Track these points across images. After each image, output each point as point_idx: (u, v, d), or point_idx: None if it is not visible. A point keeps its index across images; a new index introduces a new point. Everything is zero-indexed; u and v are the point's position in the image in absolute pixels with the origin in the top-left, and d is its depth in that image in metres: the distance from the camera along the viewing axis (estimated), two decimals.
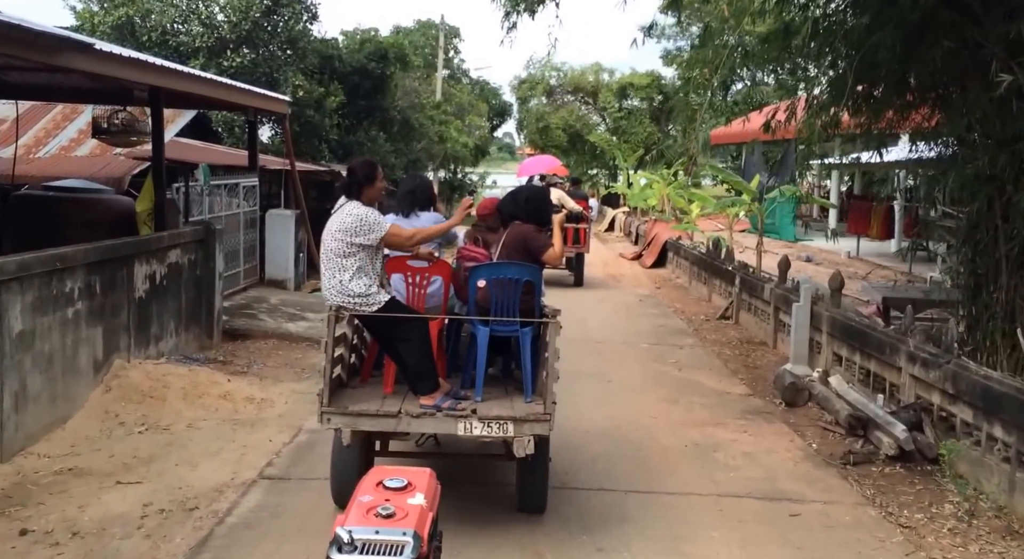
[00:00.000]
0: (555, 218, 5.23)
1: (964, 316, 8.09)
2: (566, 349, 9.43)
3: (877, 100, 8.27)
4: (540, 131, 35.57)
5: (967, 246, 8.15)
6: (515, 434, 4.37)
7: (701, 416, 7.06)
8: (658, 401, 7.54)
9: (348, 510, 2.68)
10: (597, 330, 10.88)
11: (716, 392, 7.86)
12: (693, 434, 6.56)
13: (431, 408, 4.48)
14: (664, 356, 9.41)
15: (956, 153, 7.71)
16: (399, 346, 4.68)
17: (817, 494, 5.31)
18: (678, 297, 14.07)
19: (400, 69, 20.17)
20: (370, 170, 4.71)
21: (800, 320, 8.37)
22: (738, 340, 10.35)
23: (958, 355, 5.65)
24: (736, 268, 11.95)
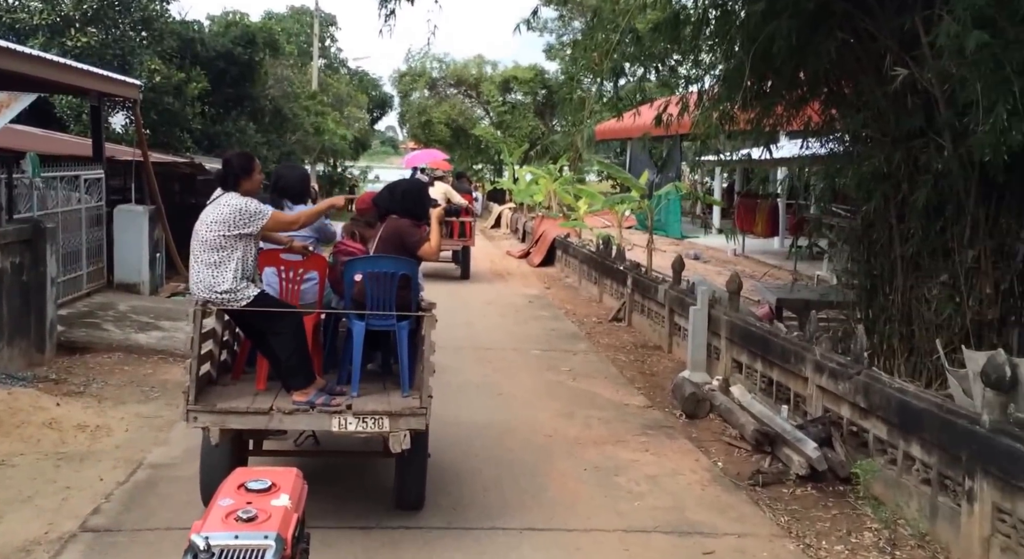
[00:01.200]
0: (433, 213, 5.14)
1: (861, 319, 7.92)
2: (453, 358, 8.76)
3: (770, 94, 7.98)
4: (423, 125, 34.66)
5: (862, 246, 7.98)
6: (391, 429, 4.35)
7: (599, 433, 6.51)
8: (553, 416, 6.95)
9: (205, 515, 2.61)
10: (485, 335, 10.22)
11: (613, 404, 7.34)
12: (592, 455, 5.98)
13: (304, 404, 4.42)
14: (557, 364, 8.85)
15: (851, 150, 7.50)
16: (271, 341, 4.60)
17: (730, 525, 4.82)
18: (568, 298, 13.61)
19: (270, 55, 18.84)
20: (247, 162, 4.65)
21: (697, 325, 7.98)
22: (632, 344, 9.93)
23: (869, 365, 5.30)
24: (628, 268, 11.57)
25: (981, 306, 6.99)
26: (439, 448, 5.83)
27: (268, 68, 18.94)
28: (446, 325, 10.42)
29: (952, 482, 4.33)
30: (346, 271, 4.87)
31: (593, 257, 13.64)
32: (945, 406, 4.36)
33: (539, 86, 35.24)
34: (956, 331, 7.06)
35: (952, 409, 4.31)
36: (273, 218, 4.57)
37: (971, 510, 4.09)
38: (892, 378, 5.01)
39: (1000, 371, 3.92)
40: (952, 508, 4.31)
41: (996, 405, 3.95)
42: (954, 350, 7.20)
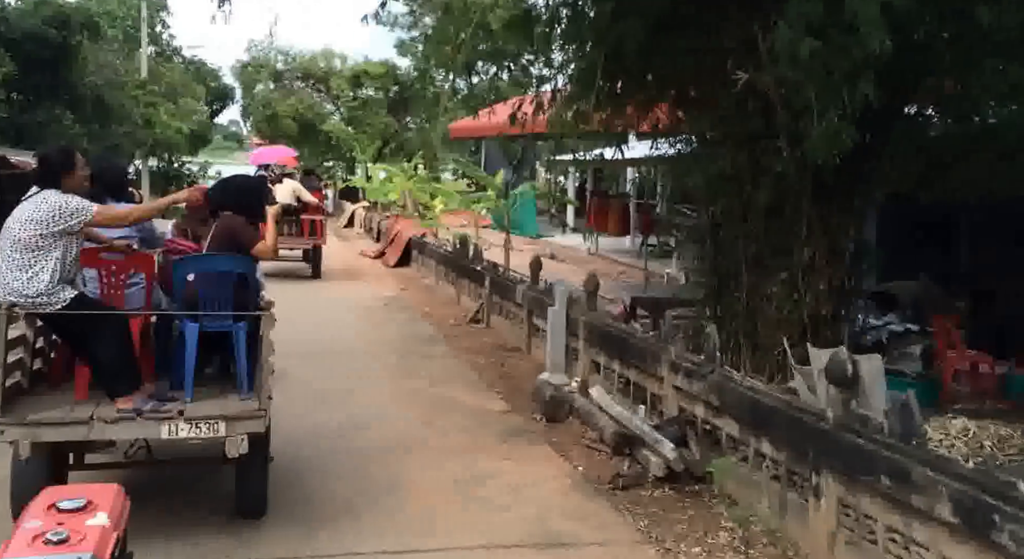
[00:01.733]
0: (269, 210, 5.04)
1: (711, 316, 8.16)
2: (304, 365, 8.30)
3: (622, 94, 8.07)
4: (268, 119, 33.10)
5: (710, 245, 8.23)
6: (227, 433, 4.21)
7: (460, 442, 6.32)
8: (411, 426, 6.69)
9: (8, 540, 2.47)
10: (339, 340, 9.79)
11: (473, 410, 7.17)
12: (453, 466, 5.78)
13: (130, 412, 4.21)
14: (415, 369, 8.58)
15: (698, 152, 7.70)
16: (91, 347, 4.37)
17: (592, 533, 4.76)
18: (425, 299, 13.35)
19: (89, 39, 17.27)
20: (66, 157, 4.43)
21: (556, 326, 7.96)
22: (491, 346, 9.81)
23: (722, 364, 5.41)
24: (486, 268, 11.46)
25: (817, 302, 7.36)
26: (289, 466, 5.46)
27: (88, 53, 17.36)
28: (296, 330, 9.95)
29: (800, 478, 4.46)
30: (176, 271, 4.72)
31: (450, 257, 13.45)
32: (793, 404, 4.49)
33: (391, 82, 34.61)
34: (795, 326, 7.42)
35: (799, 406, 4.44)
36: (100, 213, 4.36)
37: (818, 505, 4.21)
38: (744, 377, 5.13)
39: (842, 368, 4.05)
40: (801, 504, 4.43)
41: (839, 402, 4.08)
42: (793, 345, 7.57)
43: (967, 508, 3.15)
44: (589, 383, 7.30)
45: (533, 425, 6.82)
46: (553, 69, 9.12)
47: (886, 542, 3.80)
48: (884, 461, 3.65)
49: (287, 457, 5.59)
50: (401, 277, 15.90)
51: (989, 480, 3.07)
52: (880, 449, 3.70)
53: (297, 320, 10.56)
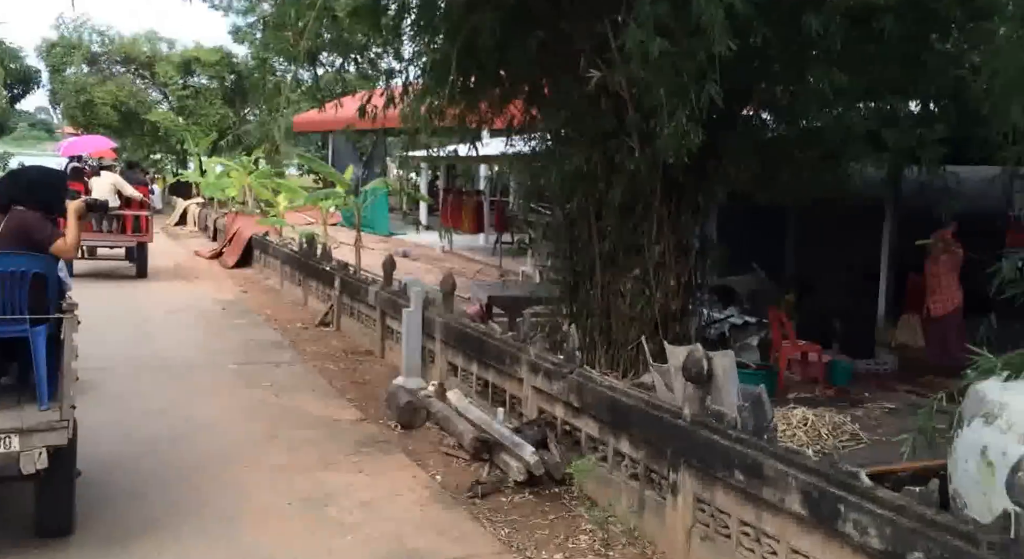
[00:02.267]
0: (70, 206, 4.72)
1: (568, 314, 8.16)
2: (131, 381, 7.56)
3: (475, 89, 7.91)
4: (82, 106, 30.10)
5: (566, 243, 8.22)
6: (22, 448, 3.91)
7: (307, 456, 5.91)
8: (253, 441, 6.20)
9: None
10: (171, 350, 9.02)
11: (323, 420, 6.77)
12: (300, 483, 5.38)
13: None
14: (258, 378, 8.03)
15: (553, 149, 7.66)
16: None
17: (452, 547, 4.55)
18: (269, 302, 12.63)
19: None
20: None
21: (411, 327, 7.68)
22: (342, 351, 9.38)
23: (581, 364, 5.35)
24: (335, 268, 10.96)
25: (667, 298, 7.52)
26: (109, 495, 4.88)
27: None
28: (121, 337, 9.12)
29: (658, 476, 4.45)
30: None
31: (296, 257, 12.81)
32: (651, 402, 4.47)
33: (227, 70, 32.66)
34: (647, 322, 7.55)
35: (657, 404, 4.43)
36: None
37: (675, 502, 4.22)
38: (603, 376, 5.09)
39: (698, 365, 4.06)
40: (658, 501, 4.43)
41: (695, 399, 4.09)
42: (646, 340, 7.70)
43: (814, 499, 3.22)
44: (447, 386, 7.09)
45: (388, 433, 6.51)
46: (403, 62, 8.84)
47: (739, 536, 3.85)
48: (738, 456, 3.69)
49: (107, 482, 5.02)
50: (241, 279, 15.01)
51: (834, 471, 3.16)
52: (734, 444, 3.74)
53: (122, 326, 9.69)
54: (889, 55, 5.75)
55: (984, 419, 2.89)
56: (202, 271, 15.91)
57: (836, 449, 4.41)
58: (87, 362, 4.88)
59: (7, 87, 31.00)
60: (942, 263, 7.68)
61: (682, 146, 5.89)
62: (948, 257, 7.67)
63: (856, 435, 4.51)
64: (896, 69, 5.77)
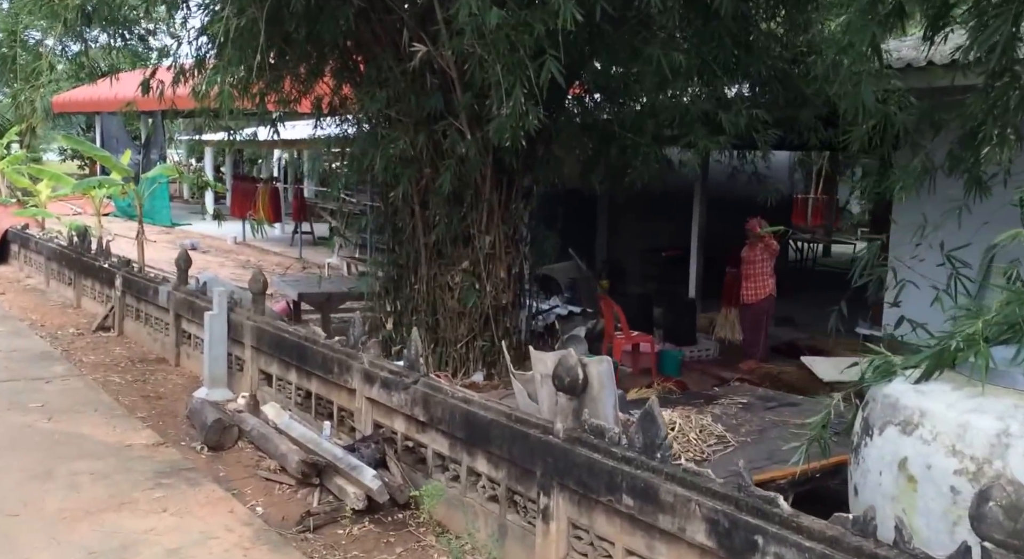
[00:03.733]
0: None
1: (392, 312, 7.56)
2: None
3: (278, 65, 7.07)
4: None
5: (387, 234, 7.60)
6: None
7: (94, 496, 4.89)
8: (22, 481, 5.06)
9: None
10: None
11: (112, 447, 5.69)
12: (85, 532, 4.41)
13: None
14: (24, 399, 6.69)
15: (373, 132, 6.99)
16: None
17: None
18: (33, 304, 10.83)
19: None
20: None
21: (215, 333, 6.73)
22: (128, 359, 8.12)
23: (426, 373, 4.80)
24: (115, 265, 9.53)
25: (497, 291, 7.16)
26: None
27: None
28: None
29: (524, 499, 4.03)
30: None
31: (66, 253, 11.07)
32: (515, 415, 4.03)
33: None
34: (477, 318, 7.14)
35: (522, 418, 3.99)
36: None
37: (547, 529, 3.80)
38: (454, 386, 4.57)
39: (572, 373, 3.67)
40: (524, 527, 4.00)
41: (570, 411, 3.70)
42: (474, 338, 7.29)
43: (724, 529, 2.88)
44: (260, 399, 6.26)
45: (193, 458, 5.59)
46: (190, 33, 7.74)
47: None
48: (626, 478, 3.32)
49: None
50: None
51: (746, 496, 2.83)
52: (620, 464, 3.36)
53: None
54: (722, 34, 5.69)
55: (901, 428, 2.71)
56: None
57: (708, 455, 4.20)
58: None
59: None
60: (758, 251, 7.91)
61: (519, 128, 5.50)
62: (764, 245, 7.92)
63: (723, 437, 4.35)
64: (729, 49, 5.72)
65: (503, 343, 6.17)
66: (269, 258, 14.64)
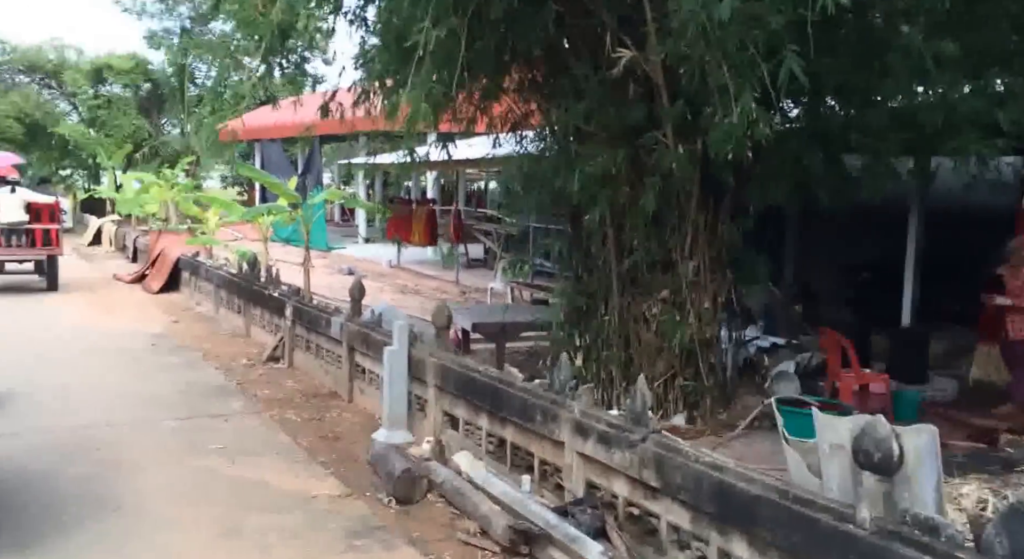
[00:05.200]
0: None
1: (579, 345, 6.89)
2: (34, 453, 5.94)
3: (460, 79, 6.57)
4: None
5: (577, 260, 6.96)
6: None
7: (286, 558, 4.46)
8: (212, 538, 4.70)
9: None
10: (88, 403, 7.34)
11: (297, 498, 5.29)
12: None
13: None
14: (204, 438, 6.47)
15: (566, 148, 6.37)
16: None
17: None
18: (205, 333, 10.94)
19: None
20: None
21: (395, 369, 6.28)
22: (300, 394, 7.86)
23: (658, 428, 4.07)
24: (285, 294, 9.41)
25: (701, 323, 6.35)
26: None
27: None
28: (23, 401, 7.40)
29: None
30: None
31: (235, 281, 11.16)
32: (793, 494, 3.21)
33: (142, 78, 30.44)
34: (677, 353, 6.36)
35: (805, 499, 3.17)
36: None
37: None
38: (698, 449, 3.80)
39: (886, 448, 2.83)
40: None
41: (879, 496, 2.86)
42: (674, 376, 6.49)
43: None
44: (446, 444, 5.72)
45: (382, 513, 5.09)
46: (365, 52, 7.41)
47: None
48: None
49: None
50: (169, 306, 13.22)
51: None
52: None
53: (24, 377, 7.95)
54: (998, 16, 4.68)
55: None
56: (124, 298, 14.03)
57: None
58: None
59: None
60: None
61: (746, 138, 4.72)
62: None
63: None
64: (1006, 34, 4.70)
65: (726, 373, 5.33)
66: (426, 282, 14.39)
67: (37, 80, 30.09)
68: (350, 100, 7.34)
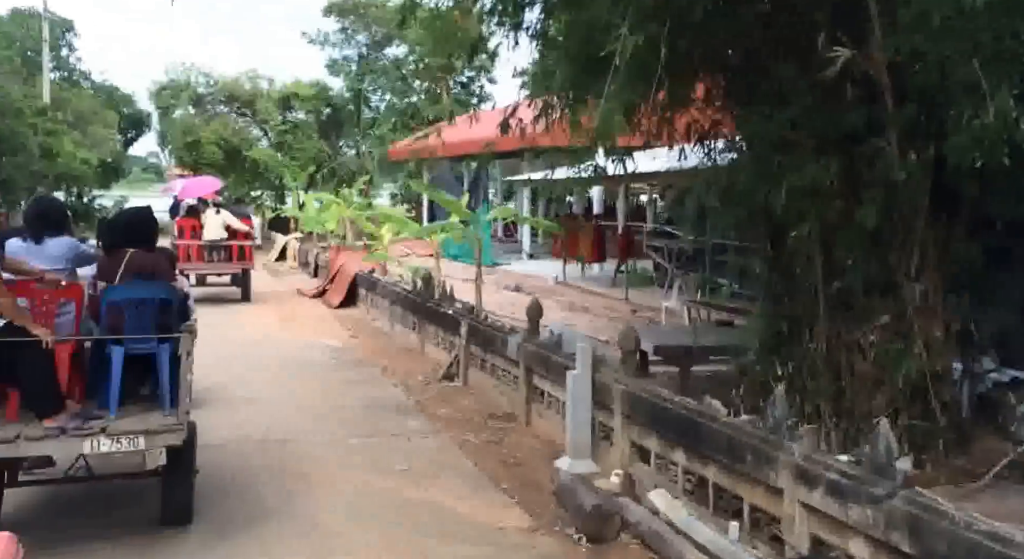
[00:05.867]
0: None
1: (780, 375, 6.27)
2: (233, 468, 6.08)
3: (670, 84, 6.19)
4: (188, 146, 30.35)
5: (776, 280, 6.38)
6: (147, 446, 4.52)
7: None
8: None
9: None
10: (278, 416, 7.55)
11: (484, 529, 5.07)
12: None
13: (55, 430, 4.49)
14: (386, 457, 6.44)
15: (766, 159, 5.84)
16: (18, 371, 4.61)
17: None
18: (382, 348, 11.15)
19: None
20: None
21: (579, 395, 5.96)
22: (477, 414, 7.73)
23: (906, 481, 3.48)
24: (459, 312, 9.38)
25: (928, 354, 5.58)
26: None
27: None
28: (221, 404, 7.72)
29: None
30: (103, 299, 5.05)
31: (410, 298, 11.31)
32: None
33: (323, 104, 32.34)
34: (899, 387, 5.61)
35: None
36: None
37: None
38: (967, 514, 3.18)
39: None
40: None
41: None
42: (895, 413, 5.75)
43: None
44: (637, 479, 5.32)
45: (574, 552, 4.76)
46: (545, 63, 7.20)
47: None
48: None
49: None
50: (348, 320, 13.66)
51: None
52: None
53: (222, 387, 8.33)
54: None
55: None
56: (306, 311, 14.68)
57: None
58: None
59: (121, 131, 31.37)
60: None
61: (1002, 142, 4.04)
62: None
63: None
64: None
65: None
66: (593, 299, 14.04)
67: (235, 109, 32.67)
68: (529, 115, 7.18)
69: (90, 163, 22.22)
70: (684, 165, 7.25)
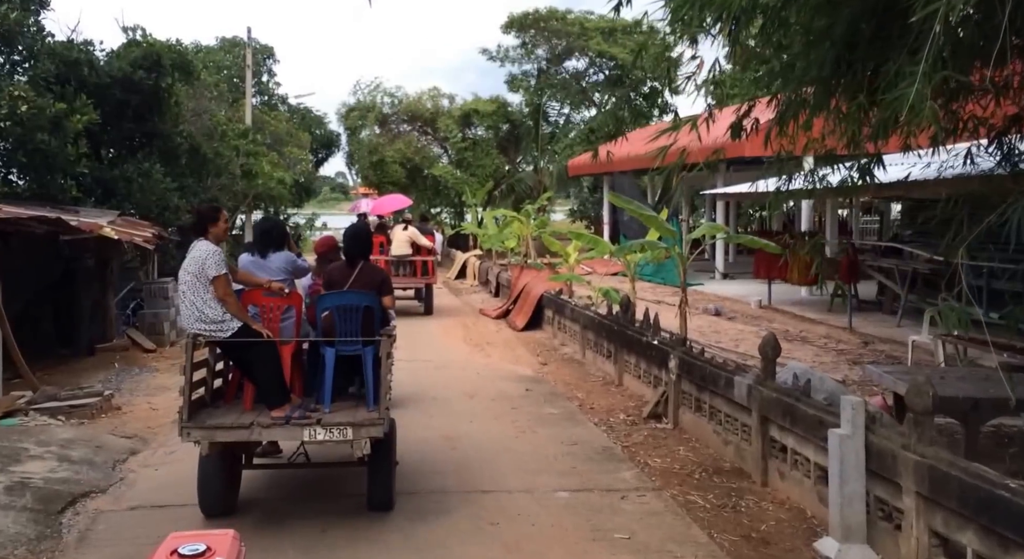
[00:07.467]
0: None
1: None
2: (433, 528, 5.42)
3: None
4: (374, 165, 31.30)
5: None
6: (353, 437, 5.14)
7: None
8: None
9: None
10: (477, 462, 6.81)
11: None
12: None
13: (281, 419, 5.22)
14: (603, 521, 5.50)
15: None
16: (252, 368, 5.45)
17: None
18: (575, 379, 10.29)
19: (183, 81, 15.38)
20: (214, 213, 5.60)
21: (848, 462, 4.76)
22: (698, 467, 6.63)
23: None
24: (667, 343, 8.32)
25: None
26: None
27: (181, 97, 15.46)
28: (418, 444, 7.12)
29: None
30: (317, 306, 5.82)
31: (605, 323, 10.38)
32: None
33: (502, 120, 32.33)
34: None
35: None
36: (216, 281, 5.30)
37: None
38: None
39: None
40: None
41: None
42: None
43: None
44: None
45: None
46: None
47: None
48: None
49: None
50: (535, 345, 12.94)
51: None
52: None
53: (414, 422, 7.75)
54: None
55: None
56: (491, 335, 14.12)
57: None
58: None
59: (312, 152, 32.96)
60: None
61: None
62: None
63: None
64: None
65: None
66: (810, 327, 12.47)
67: (417, 127, 33.40)
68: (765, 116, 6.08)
69: (285, 183, 23.21)
70: (970, 171, 5.84)
